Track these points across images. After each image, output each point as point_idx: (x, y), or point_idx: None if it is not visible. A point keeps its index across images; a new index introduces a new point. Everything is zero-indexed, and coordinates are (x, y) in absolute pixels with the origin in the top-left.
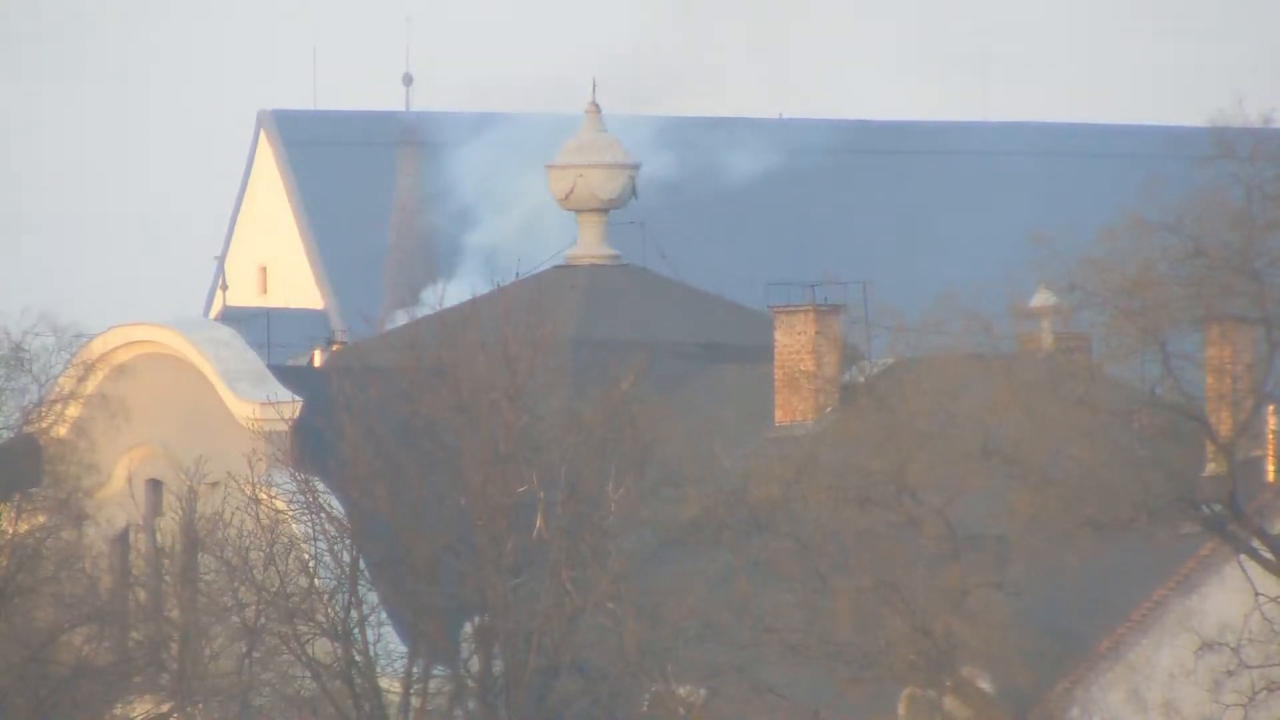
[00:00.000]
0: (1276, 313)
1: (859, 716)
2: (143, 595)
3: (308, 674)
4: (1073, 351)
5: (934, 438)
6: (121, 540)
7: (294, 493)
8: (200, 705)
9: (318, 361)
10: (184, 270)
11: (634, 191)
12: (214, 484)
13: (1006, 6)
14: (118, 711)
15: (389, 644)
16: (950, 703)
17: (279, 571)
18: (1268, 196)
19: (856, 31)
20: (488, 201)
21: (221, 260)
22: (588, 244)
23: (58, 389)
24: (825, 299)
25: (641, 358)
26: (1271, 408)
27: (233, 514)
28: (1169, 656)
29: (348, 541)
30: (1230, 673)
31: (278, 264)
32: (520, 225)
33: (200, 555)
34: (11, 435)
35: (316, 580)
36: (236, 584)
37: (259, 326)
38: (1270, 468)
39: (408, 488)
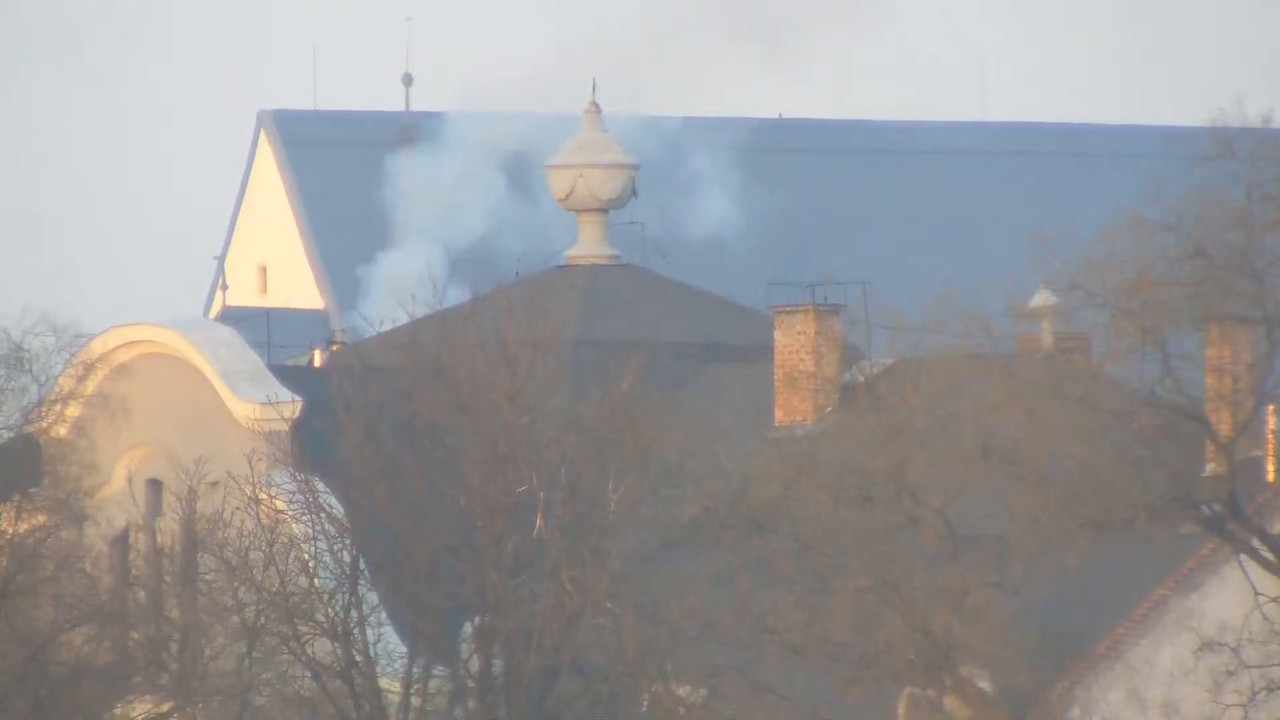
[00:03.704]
0: (1276, 313)
1: (859, 716)
2: (143, 595)
3: (308, 674)
4: (1073, 351)
5: (934, 438)
6: (121, 540)
7: (294, 493)
8: (200, 705)
9: (318, 361)
10: (184, 270)
11: (634, 191)
12: (214, 484)
13: (1006, 6)
14: (118, 711)
15: (389, 644)
16: (950, 703)
17: (279, 571)
18: (1268, 196)
19: (856, 30)
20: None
21: (221, 260)
22: (588, 244)
23: (58, 389)
24: (825, 299)
25: (641, 358)
26: (1271, 408)
27: (233, 514)
28: (1169, 656)
29: (348, 541)
30: (1230, 673)
31: (278, 264)
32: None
33: (200, 555)
34: (11, 435)
35: (316, 580)
36: (236, 584)
37: (259, 326)
38: (1270, 468)
39: (408, 488)
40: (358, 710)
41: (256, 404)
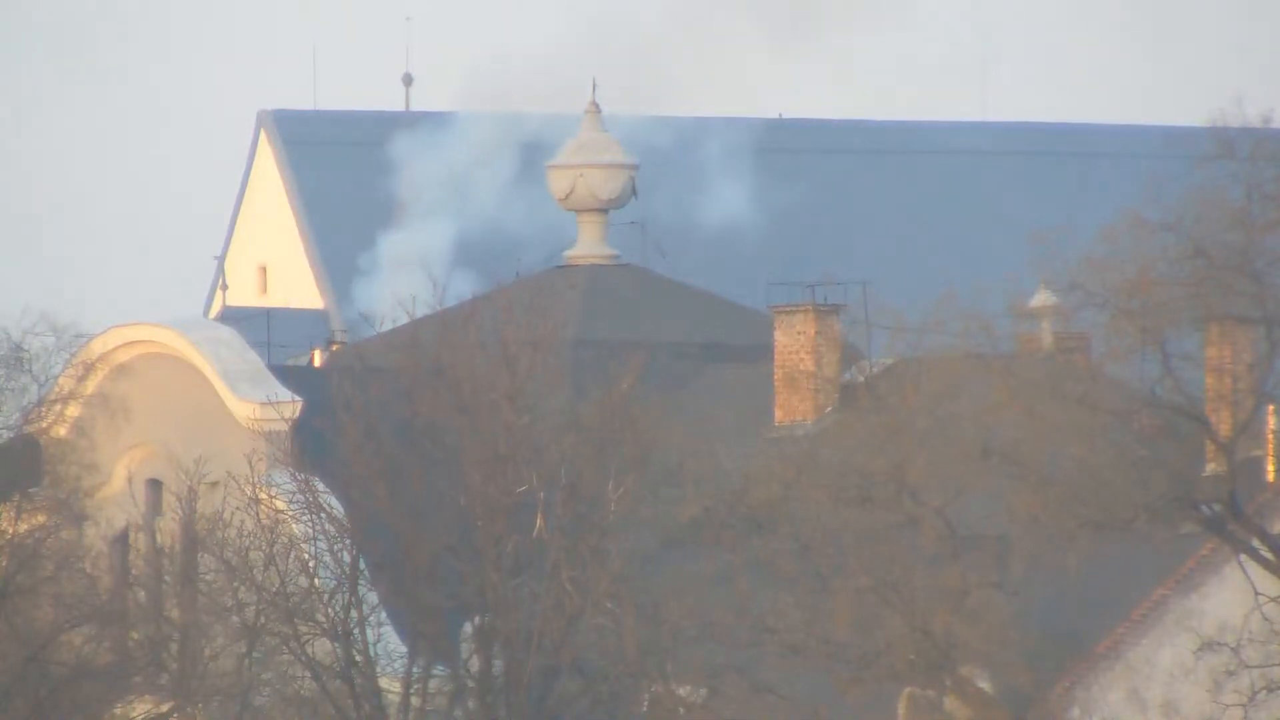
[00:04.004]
0: (1276, 313)
1: (859, 716)
2: (143, 595)
3: (308, 674)
4: (1073, 351)
5: (934, 438)
6: (121, 540)
7: (294, 493)
8: (200, 705)
9: (318, 361)
10: (184, 270)
11: (634, 191)
12: (214, 484)
13: (1006, 6)
14: (118, 711)
15: (389, 644)
16: (950, 703)
17: (279, 571)
18: (1268, 196)
19: (857, 30)
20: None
21: (221, 260)
22: (588, 244)
23: (58, 389)
24: (825, 299)
25: (641, 358)
26: (1271, 408)
27: (233, 514)
28: (1169, 656)
29: (348, 541)
30: (1230, 673)
31: (278, 264)
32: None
33: (200, 555)
34: (11, 435)
35: (316, 580)
36: (236, 584)
37: (259, 326)
38: (1270, 468)
39: (408, 488)
40: (358, 710)
41: (256, 404)
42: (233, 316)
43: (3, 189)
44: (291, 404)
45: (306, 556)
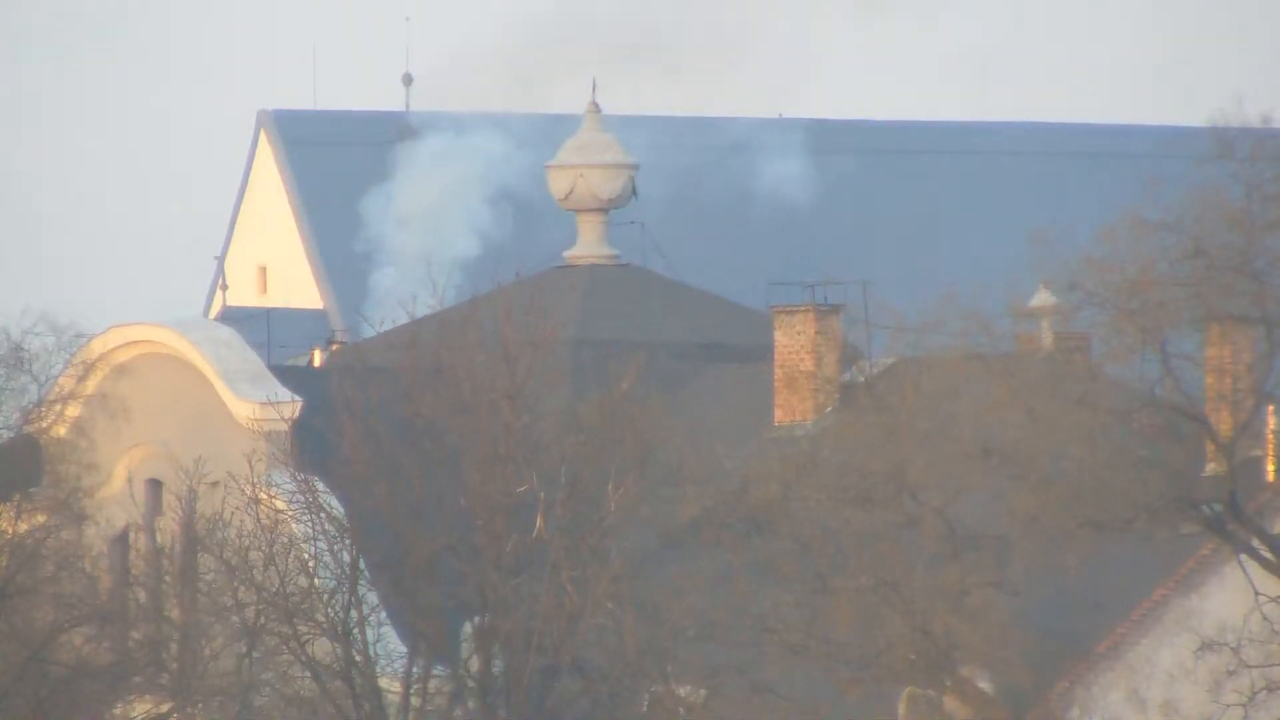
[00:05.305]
0: (1276, 313)
1: (859, 716)
2: (143, 595)
3: (308, 674)
4: (1073, 351)
5: (934, 438)
6: (121, 540)
7: (294, 493)
8: (200, 705)
9: (318, 361)
10: (184, 270)
11: (634, 191)
12: (214, 484)
13: (1006, 6)
14: (118, 711)
15: (389, 644)
16: (950, 703)
17: (279, 571)
18: (1268, 196)
19: (856, 30)
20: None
21: (221, 260)
22: (588, 244)
23: (58, 389)
24: (825, 299)
25: (641, 358)
26: (1271, 408)
27: (233, 514)
28: (1169, 656)
29: (348, 541)
30: (1230, 673)
31: (278, 264)
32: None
33: (200, 555)
34: (11, 435)
35: (316, 580)
36: (236, 584)
37: (259, 326)
38: (1270, 468)
39: (408, 488)
40: (358, 710)
41: (256, 404)
42: (233, 316)
43: (3, 189)
44: (291, 404)
45: (306, 556)
